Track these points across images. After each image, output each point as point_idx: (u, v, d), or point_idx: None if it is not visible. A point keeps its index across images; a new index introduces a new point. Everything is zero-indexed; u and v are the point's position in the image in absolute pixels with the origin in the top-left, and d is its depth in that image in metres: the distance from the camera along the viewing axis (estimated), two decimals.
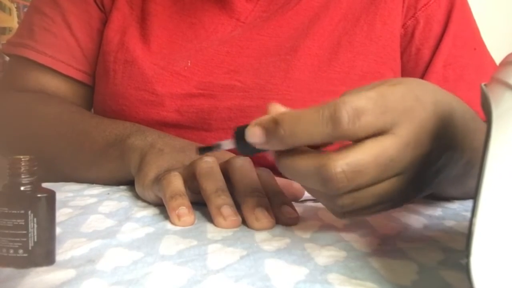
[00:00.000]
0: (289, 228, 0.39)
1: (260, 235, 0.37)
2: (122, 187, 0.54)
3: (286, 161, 0.33)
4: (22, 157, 0.30)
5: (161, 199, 0.43)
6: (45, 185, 0.31)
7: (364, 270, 0.30)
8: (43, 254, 0.30)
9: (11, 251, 0.29)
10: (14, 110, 0.66)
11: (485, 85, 0.28)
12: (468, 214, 0.39)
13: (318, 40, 0.63)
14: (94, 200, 0.47)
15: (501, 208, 0.22)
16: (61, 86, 0.68)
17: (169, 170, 0.45)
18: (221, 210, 0.39)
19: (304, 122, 0.31)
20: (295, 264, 0.31)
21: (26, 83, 0.68)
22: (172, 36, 0.65)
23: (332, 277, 0.29)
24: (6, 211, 0.29)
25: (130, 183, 0.53)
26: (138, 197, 0.49)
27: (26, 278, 0.28)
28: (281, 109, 0.34)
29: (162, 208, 0.43)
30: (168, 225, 0.39)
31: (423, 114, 0.33)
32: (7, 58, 0.74)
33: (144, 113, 0.62)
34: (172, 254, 0.32)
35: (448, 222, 0.43)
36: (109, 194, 0.50)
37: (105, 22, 0.68)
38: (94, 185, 0.55)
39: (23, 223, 0.29)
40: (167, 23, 0.66)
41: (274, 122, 0.32)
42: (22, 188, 0.30)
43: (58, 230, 0.36)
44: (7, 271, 0.29)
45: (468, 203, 0.50)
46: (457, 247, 0.35)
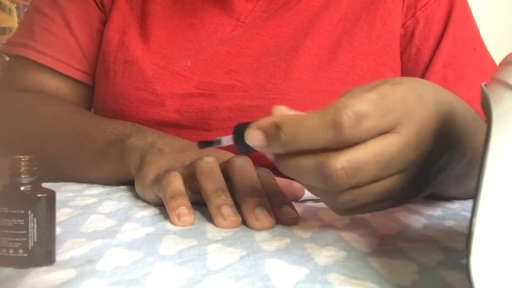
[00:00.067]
0: (289, 228, 0.39)
1: (260, 235, 0.37)
2: (122, 187, 0.54)
3: (285, 160, 0.33)
4: (22, 157, 0.30)
5: (161, 199, 0.43)
6: (45, 185, 0.31)
7: (364, 270, 0.30)
8: (43, 254, 0.30)
9: (11, 251, 0.29)
10: (14, 110, 0.66)
11: (485, 85, 0.28)
12: (468, 214, 0.39)
13: (318, 40, 0.63)
14: (94, 200, 0.47)
15: (501, 208, 0.22)
16: (61, 86, 0.68)
17: (169, 170, 0.45)
18: (221, 210, 0.39)
19: (305, 127, 0.31)
20: (295, 264, 0.31)
21: (26, 83, 0.68)
22: (172, 36, 0.65)
23: (332, 277, 0.29)
24: (6, 211, 0.29)
25: (130, 183, 0.53)
26: (138, 197, 0.49)
27: (26, 278, 0.28)
28: (285, 111, 0.34)
29: (162, 208, 0.43)
30: (168, 225, 0.39)
31: (425, 113, 0.33)
32: (7, 58, 0.74)
33: (144, 113, 0.62)
34: (172, 254, 0.32)
35: (448, 222, 0.43)
36: (109, 194, 0.50)
37: (105, 22, 0.68)
38: (94, 185, 0.55)
39: (23, 223, 0.29)
40: (167, 23, 0.66)
41: (275, 126, 0.32)
42: (22, 188, 0.30)
43: (58, 230, 0.36)
44: (7, 271, 0.29)
45: (468, 203, 0.50)
46: (457, 247, 0.35)
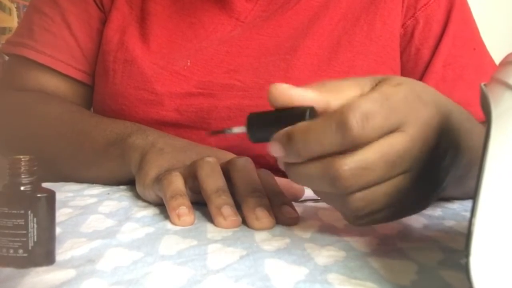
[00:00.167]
0: (289, 228, 0.39)
1: (260, 235, 0.37)
2: (122, 187, 0.54)
3: (294, 167, 0.33)
4: (22, 157, 0.30)
5: (161, 199, 0.43)
6: (45, 185, 0.31)
7: (363, 270, 0.30)
8: (43, 254, 0.30)
9: (11, 251, 0.29)
10: (14, 110, 0.66)
11: (484, 85, 0.28)
12: (467, 214, 0.39)
13: (317, 39, 0.63)
14: (94, 200, 0.47)
15: (500, 208, 0.23)
16: (60, 86, 0.68)
17: (169, 170, 0.45)
18: (221, 210, 0.39)
19: (314, 132, 0.31)
20: (295, 264, 0.31)
21: (25, 83, 0.68)
22: (171, 35, 0.65)
23: (331, 277, 0.29)
24: (6, 211, 0.29)
25: (130, 183, 0.53)
26: (138, 197, 0.49)
27: (26, 278, 0.28)
28: (280, 88, 0.33)
29: (162, 208, 0.43)
30: (168, 225, 0.39)
31: (427, 112, 0.33)
32: (7, 58, 0.74)
33: (143, 112, 0.62)
34: (172, 254, 0.32)
35: (447, 222, 0.43)
36: (109, 194, 0.50)
37: (104, 21, 0.68)
38: (94, 185, 0.55)
39: (23, 223, 0.29)
40: (167, 23, 0.66)
41: (287, 136, 0.32)
42: (22, 188, 0.30)
43: (58, 230, 0.36)
44: (7, 271, 0.29)
45: (467, 203, 0.50)
46: (456, 247, 0.35)
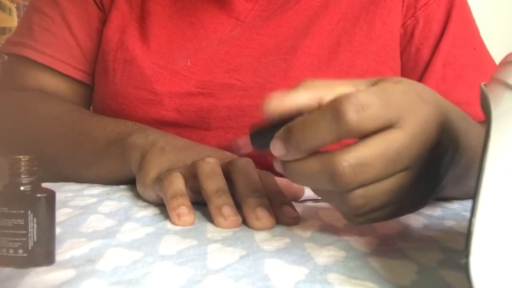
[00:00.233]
0: (289, 228, 0.39)
1: (260, 235, 0.37)
2: (122, 187, 0.54)
3: (292, 166, 0.33)
4: (22, 157, 0.30)
5: (161, 199, 0.43)
6: (45, 185, 0.31)
7: (363, 270, 0.30)
8: (43, 254, 0.30)
9: (11, 251, 0.29)
10: (14, 110, 0.66)
11: (484, 85, 0.28)
12: (467, 214, 0.39)
13: (317, 39, 0.63)
14: (94, 200, 0.47)
15: (500, 208, 0.23)
16: (60, 85, 0.68)
17: (170, 170, 0.45)
18: (221, 210, 0.39)
19: (311, 122, 0.31)
20: (295, 264, 0.31)
21: (25, 82, 0.68)
22: (171, 35, 0.65)
23: (331, 277, 0.29)
24: (6, 211, 0.29)
25: (130, 183, 0.53)
26: (138, 197, 0.49)
27: (26, 278, 0.28)
28: (275, 100, 0.34)
29: (162, 208, 0.43)
30: (168, 225, 0.39)
31: (426, 109, 0.33)
32: (7, 58, 0.74)
33: (143, 112, 0.62)
34: (172, 254, 0.32)
35: (447, 222, 0.43)
36: (109, 194, 0.50)
37: (104, 21, 0.68)
38: (94, 185, 0.55)
39: (23, 223, 0.29)
40: (167, 23, 0.66)
41: (287, 131, 0.32)
42: (22, 188, 0.30)
43: (58, 230, 0.36)
44: (7, 271, 0.29)
45: (467, 203, 0.50)
46: (456, 247, 0.35)
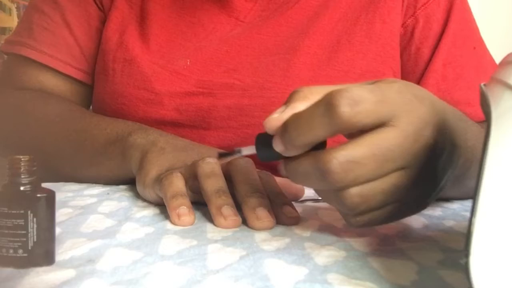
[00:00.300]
0: (289, 228, 0.39)
1: (260, 235, 0.37)
2: (122, 187, 0.54)
3: (290, 165, 0.33)
4: (21, 157, 0.30)
5: (161, 199, 0.43)
6: (45, 185, 0.31)
7: (363, 270, 0.30)
8: (43, 254, 0.30)
9: (11, 251, 0.29)
10: (13, 109, 0.66)
11: (484, 85, 0.28)
12: (467, 214, 0.39)
13: (317, 39, 0.63)
14: (94, 200, 0.47)
15: (500, 208, 0.22)
16: (60, 85, 0.68)
17: (170, 170, 0.45)
18: (221, 210, 0.39)
19: (304, 116, 0.31)
20: (295, 264, 0.31)
21: (24, 82, 0.68)
22: (171, 35, 0.65)
23: (331, 277, 0.29)
24: (6, 211, 0.29)
25: (130, 183, 0.53)
26: (138, 197, 0.49)
27: (26, 278, 0.28)
28: (273, 119, 0.34)
29: (162, 208, 0.43)
30: (168, 225, 0.39)
31: (422, 108, 0.33)
32: (6, 58, 0.74)
33: (143, 111, 0.62)
34: (172, 254, 0.32)
35: (447, 222, 0.43)
36: (109, 194, 0.50)
37: (104, 21, 0.68)
38: (94, 185, 0.55)
39: (23, 223, 0.29)
40: (166, 22, 0.66)
41: (283, 127, 0.32)
42: (22, 188, 0.30)
43: (58, 230, 0.36)
44: (7, 271, 0.29)
45: (467, 203, 0.50)
46: (456, 247, 0.35)
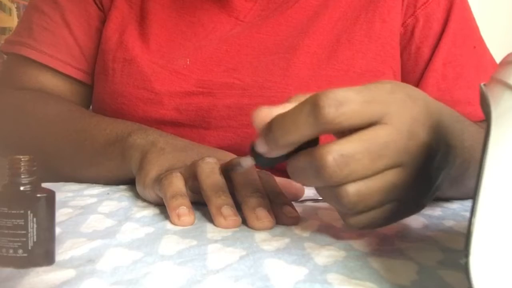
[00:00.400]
0: (288, 228, 0.39)
1: (259, 235, 0.37)
2: (122, 187, 0.54)
3: (290, 164, 0.34)
4: (21, 157, 0.30)
5: (161, 199, 0.43)
6: (45, 185, 0.31)
7: (363, 270, 0.30)
8: (43, 254, 0.30)
9: (11, 251, 0.29)
10: (13, 109, 0.66)
11: (484, 85, 0.28)
12: (467, 214, 0.39)
13: (317, 38, 0.63)
14: (94, 200, 0.47)
15: (500, 208, 0.23)
16: (59, 85, 0.68)
17: (170, 170, 0.45)
18: (221, 210, 0.39)
19: (289, 117, 0.32)
20: (295, 264, 0.31)
21: (24, 82, 0.68)
22: (171, 34, 0.65)
23: (331, 277, 0.29)
24: (6, 211, 0.29)
25: (130, 183, 0.53)
26: (138, 197, 0.49)
27: (26, 278, 0.28)
28: (264, 111, 0.34)
29: (162, 208, 0.43)
30: (168, 225, 0.39)
31: (415, 108, 0.33)
32: (6, 58, 0.74)
33: (143, 111, 0.62)
34: (172, 254, 0.32)
35: (447, 222, 0.43)
36: (109, 194, 0.50)
37: (104, 21, 0.68)
38: (94, 185, 0.55)
39: (23, 223, 0.29)
40: (166, 22, 0.66)
41: (267, 127, 0.33)
42: (22, 188, 0.30)
43: (58, 230, 0.36)
44: (7, 271, 0.29)
45: (467, 203, 0.50)
46: (456, 247, 0.35)
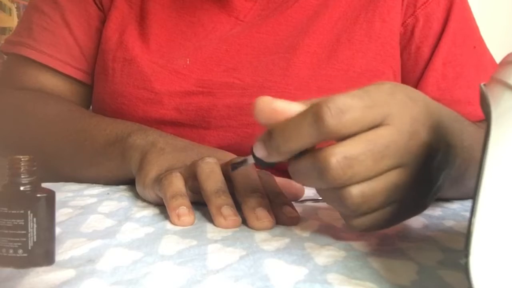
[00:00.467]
0: (288, 228, 0.39)
1: (259, 235, 0.37)
2: (122, 187, 0.54)
3: (292, 165, 0.34)
4: (21, 157, 0.30)
5: (161, 199, 0.43)
6: (45, 185, 0.31)
7: (363, 270, 0.30)
8: (43, 254, 0.30)
9: (11, 251, 0.29)
10: (13, 109, 0.66)
11: (484, 85, 0.28)
12: (467, 214, 0.39)
13: (317, 38, 0.63)
14: (94, 200, 0.47)
15: (500, 208, 0.23)
16: (59, 85, 0.68)
17: (170, 170, 0.45)
18: (221, 210, 0.39)
19: (291, 126, 0.32)
20: (295, 264, 0.31)
21: (24, 82, 0.68)
22: (171, 34, 0.65)
23: (331, 277, 0.29)
24: (6, 211, 0.29)
25: (130, 183, 0.53)
26: (138, 197, 0.49)
27: (26, 278, 0.28)
28: (267, 101, 0.33)
29: (162, 208, 0.43)
30: (168, 225, 0.39)
31: (415, 109, 0.33)
32: (6, 58, 0.74)
33: (143, 111, 0.62)
34: (171, 254, 0.32)
35: (447, 222, 0.43)
36: (109, 194, 0.50)
37: (104, 21, 0.68)
38: (94, 185, 0.55)
39: (23, 223, 0.29)
40: (166, 22, 0.65)
41: (268, 133, 0.33)
42: (22, 188, 0.30)
43: (58, 230, 0.36)
44: (7, 271, 0.29)
45: (467, 203, 0.50)
46: (456, 247, 0.35)
